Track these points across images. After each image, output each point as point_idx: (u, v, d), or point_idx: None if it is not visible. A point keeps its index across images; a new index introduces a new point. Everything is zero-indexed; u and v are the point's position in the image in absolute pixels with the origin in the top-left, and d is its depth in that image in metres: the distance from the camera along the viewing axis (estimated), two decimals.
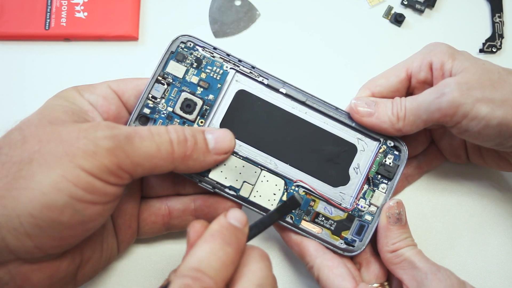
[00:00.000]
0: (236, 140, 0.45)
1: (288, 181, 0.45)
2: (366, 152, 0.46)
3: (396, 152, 0.46)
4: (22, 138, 0.37)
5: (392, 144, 0.46)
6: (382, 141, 0.46)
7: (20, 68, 0.54)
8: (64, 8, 0.54)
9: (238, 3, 0.56)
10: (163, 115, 0.45)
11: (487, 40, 0.55)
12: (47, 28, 0.53)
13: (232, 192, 0.45)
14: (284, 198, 0.45)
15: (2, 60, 0.54)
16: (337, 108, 0.46)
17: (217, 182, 0.44)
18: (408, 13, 0.56)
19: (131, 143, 0.37)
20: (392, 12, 0.56)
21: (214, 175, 0.44)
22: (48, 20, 0.54)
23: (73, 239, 0.38)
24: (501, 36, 0.55)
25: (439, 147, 0.50)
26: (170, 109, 0.45)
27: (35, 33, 0.54)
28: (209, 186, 0.44)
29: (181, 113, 0.45)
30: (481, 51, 0.55)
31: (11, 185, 0.35)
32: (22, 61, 0.54)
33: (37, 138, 0.37)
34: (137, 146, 0.38)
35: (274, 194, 0.45)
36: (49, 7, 0.54)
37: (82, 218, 0.36)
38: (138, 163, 0.38)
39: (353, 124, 0.46)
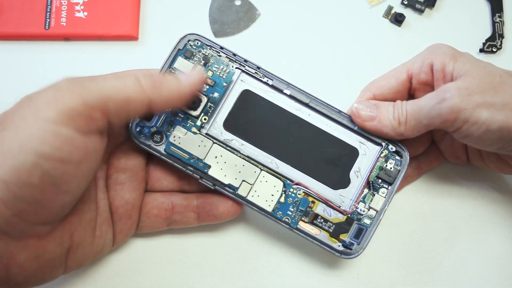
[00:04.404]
0: (239, 139, 0.45)
1: (287, 183, 0.45)
2: (368, 156, 0.46)
3: (397, 157, 0.46)
4: (3, 114, 0.37)
5: (394, 149, 0.46)
6: (383, 145, 0.46)
7: (20, 68, 0.54)
8: (64, 7, 0.54)
9: (238, 2, 0.56)
10: (167, 110, 0.45)
11: (487, 40, 0.55)
12: (47, 28, 0.53)
13: (231, 190, 0.45)
14: (282, 199, 0.45)
15: (2, 60, 0.54)
16: (340, 111, 0.46)
17: (216, 180, 0.45)
18: (408, 13, 0.56)
19: (93, 81, 0.37)
20: (392, 12, 0.56)
21: (213, 171, 0.45)
22: (48, 19, 0.53)
23: (51, 205, 0.37)
24: (501, 36, 0.55)
25: (440, 148, 0.50)
26: None
27: (35, 33, 0.54)
28: (209, 182, 0.45)
29: (185, 108, 0.45)
30: (481, 51, 0.55)
31: None
32: (22, 61, 0.54)
33: (12, 108, 0.37)
34: (101, 82, 0.37)
35: (272, 195, 0.45)
36: (49, 6, 0.54)
37: (53, 179, 0.35)
38: (106, 96, 0.37)
39: (356, 128, 0.46)
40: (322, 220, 0.45)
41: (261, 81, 0.46)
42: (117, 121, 0.38)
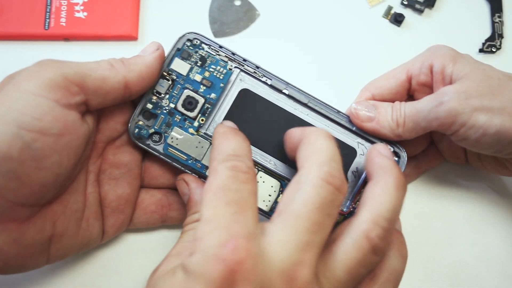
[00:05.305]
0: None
1: (284, 183, 0.45)
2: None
3: (395, 158, 0.46)
4: None
5: (392, 149, 0.46)
6: None
7: (19, 68, 0.54)
8: (64, 8, 0.54)
9: (237, 3, 0.56)
10: (165, 111, 0.45)
11: (486, 40, 0.55)
12: (46, 28, 0.53)
13: None
14: (279, 199, 0.45)
15: (2, 60, 0.54)
16: (338, 112, 0.46)
17: None
18: (407, 13, 0.56)
19: (72, 62, 0.39)
20: (392, 12, 0.56)
21: None
22: (48, 20, 0.53)
23: (31, 182, 0.36)
24: (501, 36, 0.55)
25: (439, 147, 0.50)
26: (172, 105, 0.45)
27: (35, 33, 0.54)
28: None
29: (182, 110, 0.45)
30: (480, 51, 0.55)
31: None
32: (21, 61, 0.53)
33: None
34: (79, 63, 0.39)
35: (270, 195, 0.45)
36: (48, 7, 0.54)
37: (33, 152, 0.35)
38: (84, 73, 0.38)
39: (354, 128, 0.46)
40: None
41: (260, 80, 0.46)
42: (96, 101, 0.40)
